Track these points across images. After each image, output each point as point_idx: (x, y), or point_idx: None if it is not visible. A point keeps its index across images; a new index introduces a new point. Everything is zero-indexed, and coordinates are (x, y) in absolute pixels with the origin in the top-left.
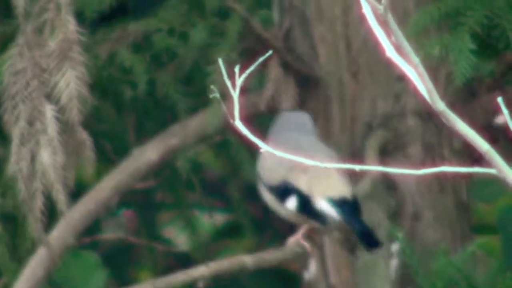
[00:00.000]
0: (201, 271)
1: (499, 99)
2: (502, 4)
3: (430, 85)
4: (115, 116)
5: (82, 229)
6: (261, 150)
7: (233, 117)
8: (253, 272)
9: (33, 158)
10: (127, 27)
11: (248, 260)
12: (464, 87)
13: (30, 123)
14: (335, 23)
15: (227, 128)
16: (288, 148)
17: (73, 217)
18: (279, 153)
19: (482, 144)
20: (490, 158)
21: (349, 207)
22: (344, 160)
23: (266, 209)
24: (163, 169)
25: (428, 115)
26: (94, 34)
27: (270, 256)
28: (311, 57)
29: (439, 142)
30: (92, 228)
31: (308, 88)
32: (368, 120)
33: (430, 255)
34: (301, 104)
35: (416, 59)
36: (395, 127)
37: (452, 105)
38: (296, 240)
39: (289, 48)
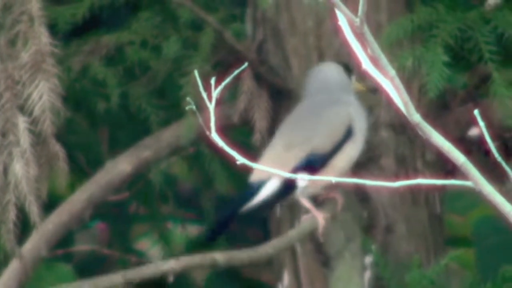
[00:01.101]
0: (171, 264)
1: (476, 111)
2: (475, 16)
3: (406, 98)
4: (88, 128)
5: (55, 241)
6: (240, 163)
7: (209, 129)
8: (227, 284)
9: (5, 170)
10: (100, 39)
11: (219, 257)
12: (438, 99)
13: (3, 134)
14: (308, 35)
15: (200, 140)
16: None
17: (46, 229)
18: (255, 165)
19: (458, 156)
20: (466, 170)
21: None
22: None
23: (239, 220)
24: (136, 181)
25: (401, 127)
26: (67, 46)
27: (242, 254)
28: (284, 69)
29: (412, 154)
30: (65, 240)
31: (281, 100)
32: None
33: (403, 267)
34: (274, 116)
35: (392, 72)
36: (368, 139)
37: (425, 117)
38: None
39: (262, 60)
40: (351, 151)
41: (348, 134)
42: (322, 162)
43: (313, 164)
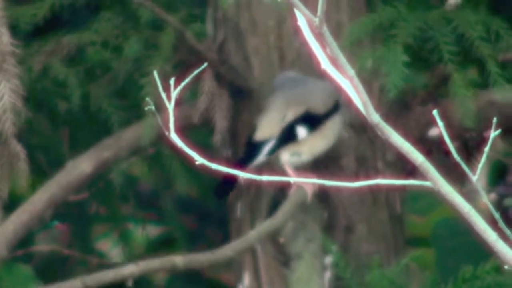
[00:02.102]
0: (130, 269)
1: (435, 112)
2: (435, 16)
3: (366, 97)
4: (49, 129)
5: (16, 242)
6: (198, 162)
7: (168, 129)
8: (187, 284)
9: None
10: (61, 39)
11: (179, 260)
12: (398, 99)
13: None
14: (268, 35)
15: (161, 140)
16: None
17: (6, 229)
18: (215, 165)
19: (417, 156)
20: (425, 170)
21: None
22: (278, 173)
23: (199, 221)
24: (97, 182)
25: (361, 127)
26: (28, 46)
27: (201, 257)
28: (245, 69)
29: (373, 155)
30: (25, 240)
31: (242, 100)
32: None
33: (363, 267)
34: (235, 116)
35: (351, 71)
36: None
37: (386, 118)
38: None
39: (222, 60)
40: (338, 123)
41: (336, 106)
42: (316, 123)
43: (309, 121)
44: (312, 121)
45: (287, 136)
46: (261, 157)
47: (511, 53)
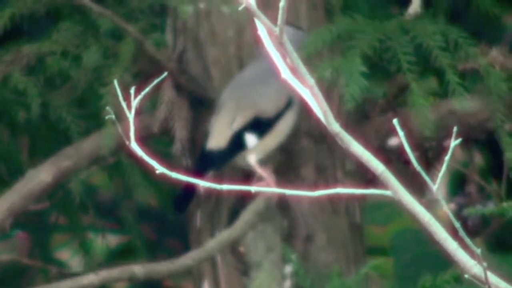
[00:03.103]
0: (90, 279)
1: (395, 121)
2: (394, 26)
3: (326, 107)
4: (8, 138)
5: None
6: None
7: (128, 138)
8: None
9: None
10: (21, 49)
11: (138, 270)
12: (357, 109)
13: None
14: (228, 45)
15: (121, 149)
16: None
17: None
18: (175, 174)
19: (377, 165)
20: (385, 180)
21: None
22: (238, 182)
23: (159, 230)
24: (57, 191)
25: (321, 136)
26: None
27: (161, 267)
28: (204, 79)
29: (332, 164)
30: None
31: (201, 109)
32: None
33: (323, 276)
34: (194, 126)
35: (311, 81)
36: (288, 148)
37: (345, 127)
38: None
39: (182, 70)
40: (292, 119)
41: (289, 103)
42: (267, 126)
43: (258, 128)
44: (261, 127)
45: (236, 146)
46: (214, 167)
47: (470, 62)
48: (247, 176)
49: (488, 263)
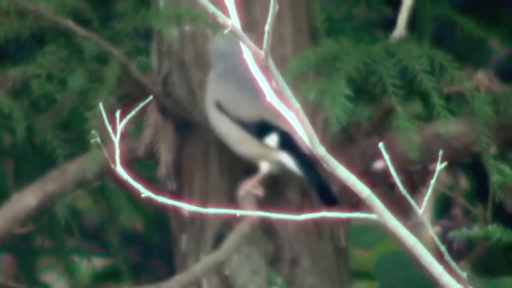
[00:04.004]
0: None
1: (380, 144)
2: (379, 49)
3: (311, 130)
4: None
5: None
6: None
7: (114, 162)
8: None
9: None
10: (6, 72)
11: None
12: (342, 132)
13: None
14: None
15: (106, 173)
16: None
17: None
18: (160, 198)
19: (362, 189)
20: (371, 203)
21: (308, 161)
22: (224, 205)
23: (144, 253)
24: (42, 214)
25: None
26: None
27: None
28: (189, 102)
29: None
30: None
31: (187, 133)
32: (246, 165)
33: None
34: (180, 149)
35: (296, 104)
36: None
37: (330, 150)
38: (251, 185)
39: (167, 93)
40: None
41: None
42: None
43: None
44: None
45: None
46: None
47: (455, 85)
48: (232, 198)
49: (474, 287)
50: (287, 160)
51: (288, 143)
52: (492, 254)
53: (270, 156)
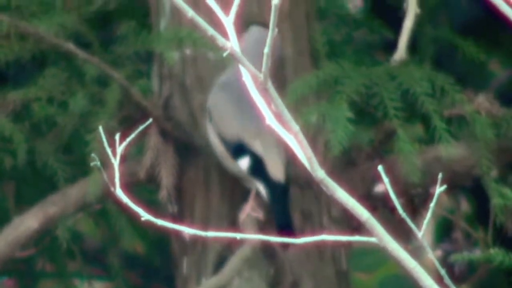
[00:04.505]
0: None
1: (380, 167)
2: (380, 72)
3: (310, 153)
4: None
5: None
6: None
7: (114, 185)
8: None
9: None
10: (7, 95)
11: None
12: (343, 155)
13: None
14: None
15: (107, 196)
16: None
17: None
18: (161, 222)
19: (362, 212)
20: (371, 227)
21: (279, 193)
22: (225, 229)
23: (145, 277)
24: (43, 238)
25: (306, 183)
26: None
27: None
28: (190, 125)
29: (318, 210)
30: None
31: (188, 156)
32: (247, 191)
33: None
34: (180, 173)
35: (296, 127)
36: None
37: (330, 173)
38: (249, 207)
39: (168, 116)
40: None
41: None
42: None
43: None
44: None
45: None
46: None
47: (456, 108)
48: (233, 222)
49: None
50: (257, 184)
51: (258, 167)
52: (493, 278)
53: (243, 177)
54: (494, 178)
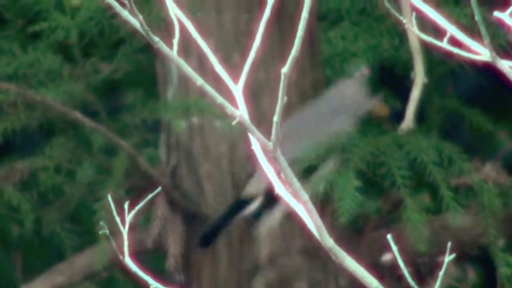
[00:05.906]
0: None
1: (389, 236)
2: (387, 141)
3: (319, 222)
4: (2, 253)
5: None
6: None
7: (122, 254)
8: None
9: None
10: (14, 164)
11: None
12: (351, 224)
13: None
14: (221, 160)
15: (114, 265)
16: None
17: None
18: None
19: (371, 281)
20: None
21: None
22: None
23: None
24: None
25: (314, 251)
26: None
27: None
28: (198, 194)
29: (325, 279)
30: None
31: (195, 225)
32: (255, 260)
33: None
34: (188, 242)
35: (305, 196)
36: (282, 265)
37: (338, 242)
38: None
39: (175, 185)
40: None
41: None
42: None
43: None
44: None
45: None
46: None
47: (464, 177)
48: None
49: None
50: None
51: None
52: None
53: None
54: (501, 247)
